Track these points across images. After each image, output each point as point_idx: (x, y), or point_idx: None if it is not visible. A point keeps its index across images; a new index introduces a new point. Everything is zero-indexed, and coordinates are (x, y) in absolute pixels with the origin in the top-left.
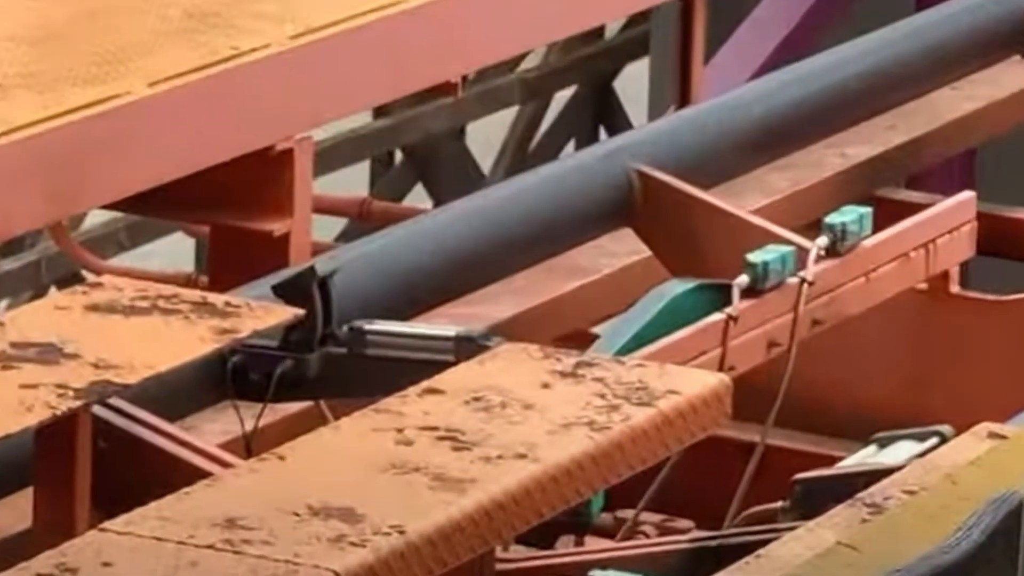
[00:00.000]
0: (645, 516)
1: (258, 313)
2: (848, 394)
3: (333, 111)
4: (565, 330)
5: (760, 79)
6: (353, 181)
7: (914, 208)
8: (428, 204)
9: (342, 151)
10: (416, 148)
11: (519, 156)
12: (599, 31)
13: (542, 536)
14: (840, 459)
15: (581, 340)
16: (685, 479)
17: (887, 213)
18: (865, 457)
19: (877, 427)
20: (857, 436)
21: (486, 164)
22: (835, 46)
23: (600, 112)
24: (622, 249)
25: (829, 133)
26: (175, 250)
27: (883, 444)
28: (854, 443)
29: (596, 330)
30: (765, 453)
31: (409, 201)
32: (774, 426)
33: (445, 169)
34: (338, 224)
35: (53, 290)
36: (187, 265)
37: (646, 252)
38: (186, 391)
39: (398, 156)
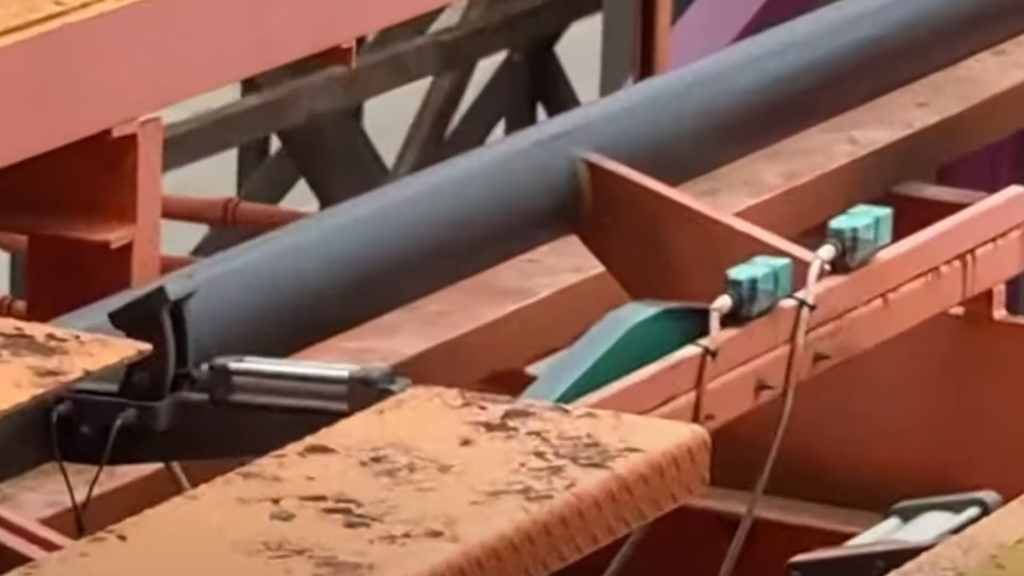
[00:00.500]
0: None
1: (91, 349)
2: (860, 451)
3: (189, 86)
4: (491, 370)
5: (743, 42)
6: (216, 176)
7: (946, 209)
8: (313, 206)
9: (201, 138)
10: (297, 133)
11: (432, 143)
12: None
13: None
14: (851, 535)
15: (513, 382)
16: (650, 563)
17: (911, 216)
18: (884, 533)
19: (899, 494)
20: (872, 506)
21: (389, 154)
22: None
23: (538, 85)
24: (565, 264)
25: (835, 113)
26: None
27: (907, 516)
28: (869, 515)
29: (532, 370)
30: (754, 528)
31: (288, 202)
32: (765, 493)
33: (335, 160)
34: (196, 233)
35: None
36: None
37: (597, 267)
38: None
39: (274, 144)
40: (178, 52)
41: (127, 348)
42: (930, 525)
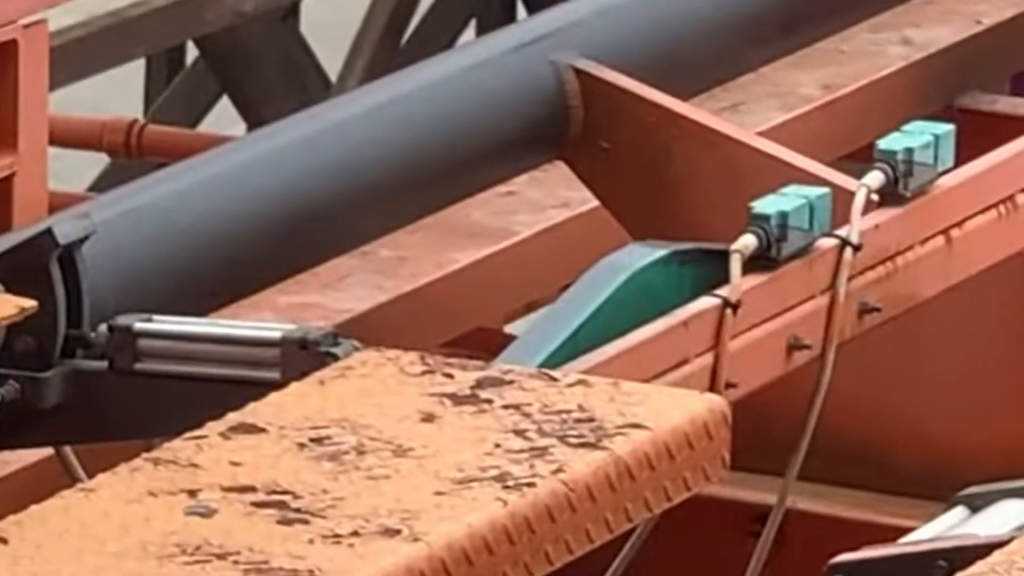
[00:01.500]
0: None
1: None
2: (918, 426)
3: None
4: (461, 329)
5: None
6: (117, 95)
7: (1021, 126)
8: (239, 130)
9: (98, 46)
10: (218, 40)
11: (385, 50)
12: None
13: None
14: (907, 530)
15: (486, 344)
16: (660, 565)
17: (979, 134)
18: (948, 526)
19: (964, 479)
20: (933, 493)
21: (332, 64)
22: None
23: None
24: (549, 197)
25: (884, 7)
26: None
27: (975, 505)
28: (927, 504)
29: (510, 328)
30: (786, 521)
31: (208, 124)
32: (800, 479)
33: (265, 72)
34: (94, 164)
35: None
36: None
37: (589, 200)
38: None
39: (190, 52)
40: None
41: (7, 306)
42: (1004, 516)
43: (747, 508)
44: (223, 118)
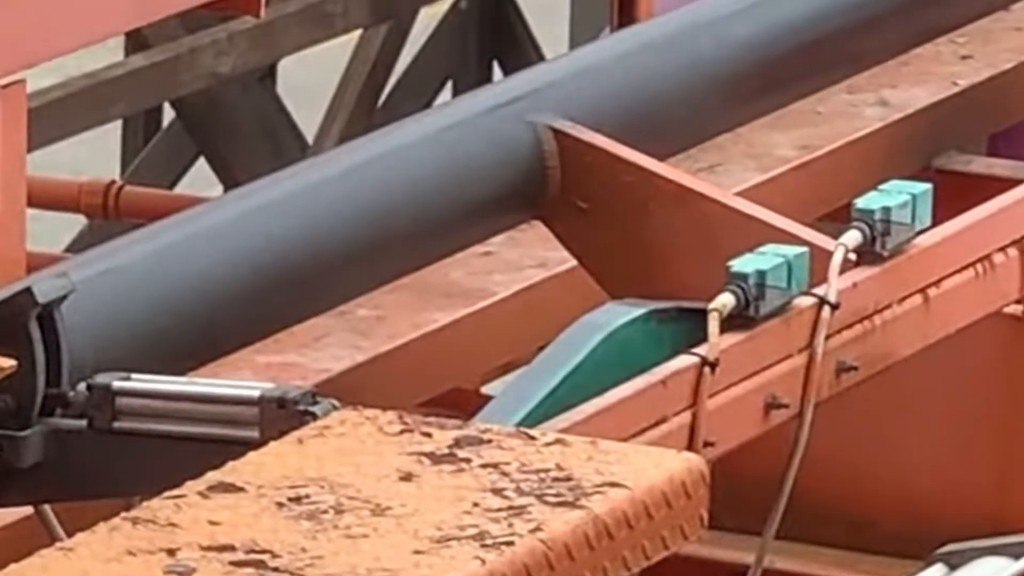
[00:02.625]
0: None
1: None
2: (896, 484)
3: (59, 42)
4: (438, 389)
5: None
6: (94, 157)
7: (998, 186)
8: (216, 192)
9: (75, 108)
10: (195, 102)
11: (362, 113)
12: None
13: None
14: None
15: (463, 404)
16: None
17: (956, 194)
18: None
19: (942, 538)
20: (911, 551)
21: (309, 126)
22: None
23: (492, 39)
24: (527, 257)
25: (861, 68)
26: None
27: (953, 563)
28: (905, 562)
29: (487, 389)
30: None
31: (185, 186)
32: (778, 538)
33: (242, 135)
34: (71, 225)
35: None
36: None
37: (566, 260)
38: None
39: (167, 114)
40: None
41: None
42: (983, 573)
43: (725, 567)
44: (200, 180)
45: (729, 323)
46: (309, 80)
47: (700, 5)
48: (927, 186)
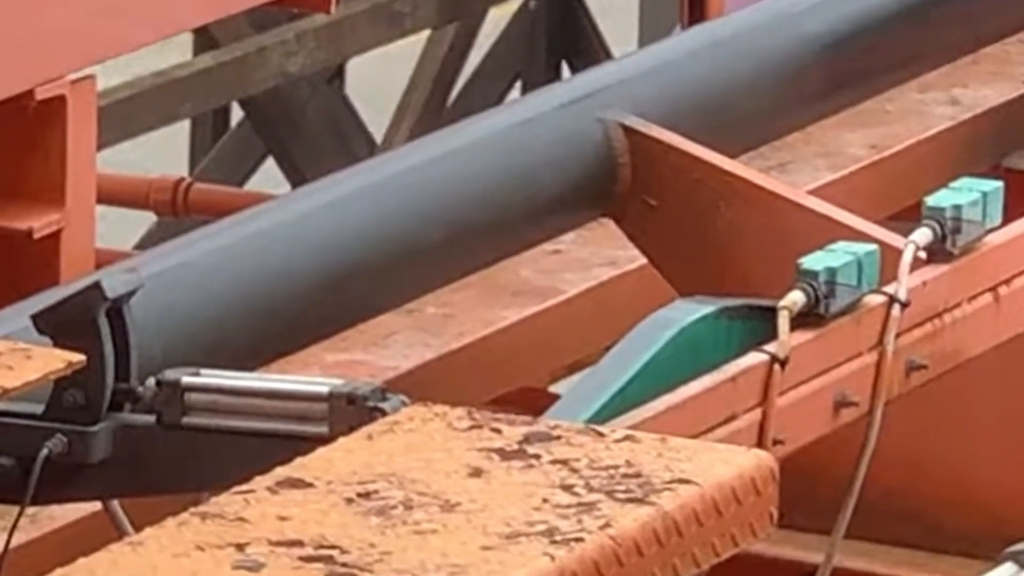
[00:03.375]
0: None
1: (10, 361)
2: (966, 483)
3: (128, 38)
4: (505, 387)
5: None
6: (163, 156)
7: None
8: (284, 190)
9: (144, 107)
10: (264, 101)
11: (431, 112)
12: None
13: None
14: None
15: (531, 403)
16: None
17: None
18: None
19: (1011, 536)
20: (981, 551)
21: (377, 126)
22: None
23: (561, 39)
24: (596, 255)
25: (931, 67)
26: None
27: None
28: (974, 562)
29: (556, 388)
30: None
31: (253, 186)
32: (847, 537)
33: (311, 134)
34: (140, 222)
35: None
36: None
37: (636, 259)
38: None
39: (236, 114)
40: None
41: (55, 360)
42: None
43: (794, 566)
44: (268, 180)
45: (799, 321)
46: (378, 80)
47: (770, 3)
48: (998, 184)
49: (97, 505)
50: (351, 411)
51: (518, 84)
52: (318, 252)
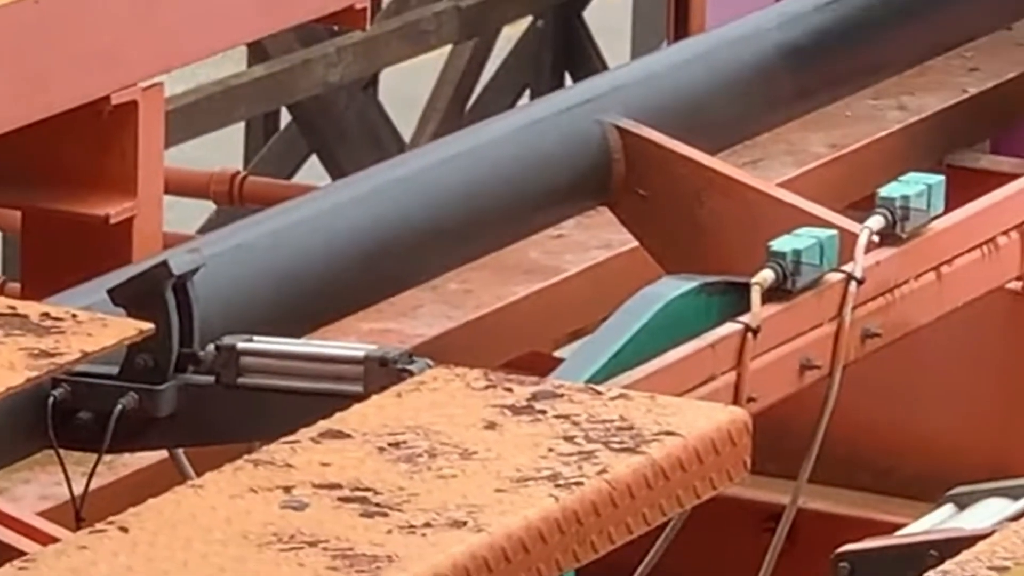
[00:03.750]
0: None
1: (89, 328)
2: (912, 436)
3: (191, 50)
4: (516, 352)
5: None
6: (220, 154)
7: (1001, 179)
8: (325, 180)
9: (204, 111)
10: (308, 106)
11: (452, 116)
12: None
13: None
14: (903, 525)
15: (539, 365)
16: (687, 555)
17: (965, 187)
18: (938, 521)
19: (953, 480)
20: (925, 494)
21: (406, 128)
22: None
23: (564, 54)
24: (594, 239)
25: (884, 76)
26: None
27: (962, 503)
28: (919, 504)
29: (560, 353)
30: (797, 519)
31: (300, 177)
32: (810, 482)
33: (349, 135)
34: (201, 211)
35: None
36: None
37: (628, 242)
38: None
39: (283, 118)
40: (179, 14)
41: (128, 328)
42: (987, 512)
43: (764, 507)
44: (312, 174)
45: (769, 295)
46: (406, 88)
47: (744, 21)
48: (941, 177)
49: (164, 454)
50: (383, 372)
51: (527, 92)
52: (354, 236)
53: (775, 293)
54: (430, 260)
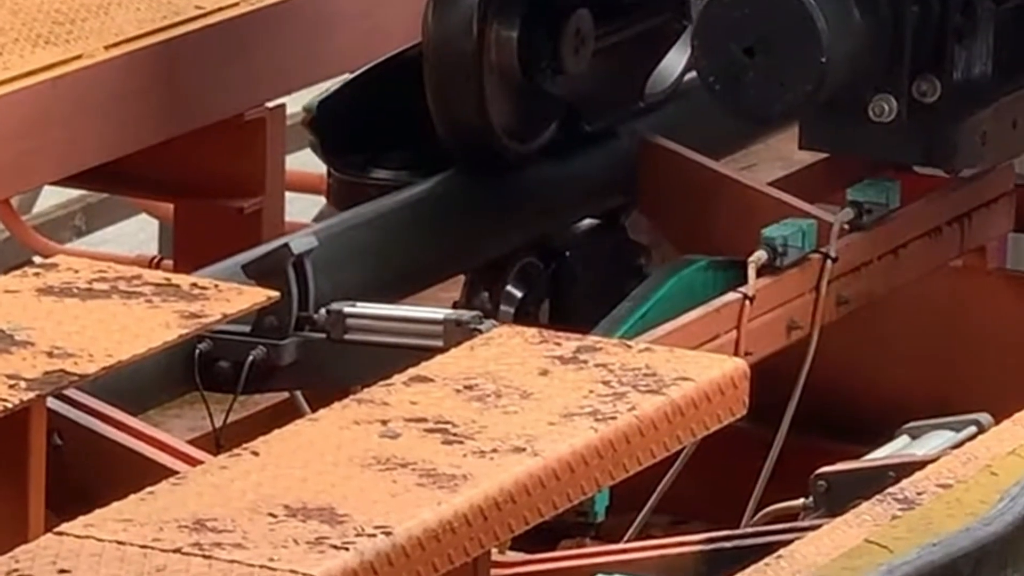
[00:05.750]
0: (655, 519)
1: (227, 296)
2: (876, 382)
3: (310, 76)
4: None
5: None
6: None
7: (944, 181)
8: None
9: None
10: None
11: None
12: None
13: (542, 539)
14: (866, 453)
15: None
16: (698, 477)
17: (915, 188)
18: (895, 449)
19: (908, 417)
20: (886, 428)
21: None
22: None
23: None
24: None
25: None
26: (137, 234)
27: (914, 435)
28: (880, 437)
29: None
30: (784, 448)
31: None
32: (792, 420)
33: None
34: (315, 207)
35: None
36: (150, 251)
37: None
38: (150, 382)
39: None
40: (301, 47)
41: (258, 295)
42: (935, 442)
43: (757, 439)
44: None
45: (762, 271)
46: None
47: None
48: (897, 181)
49: (286, 395)
50: (459, 331)
51: None
52: (436, 225)
53: (767, 269)
54: (500, 243)
